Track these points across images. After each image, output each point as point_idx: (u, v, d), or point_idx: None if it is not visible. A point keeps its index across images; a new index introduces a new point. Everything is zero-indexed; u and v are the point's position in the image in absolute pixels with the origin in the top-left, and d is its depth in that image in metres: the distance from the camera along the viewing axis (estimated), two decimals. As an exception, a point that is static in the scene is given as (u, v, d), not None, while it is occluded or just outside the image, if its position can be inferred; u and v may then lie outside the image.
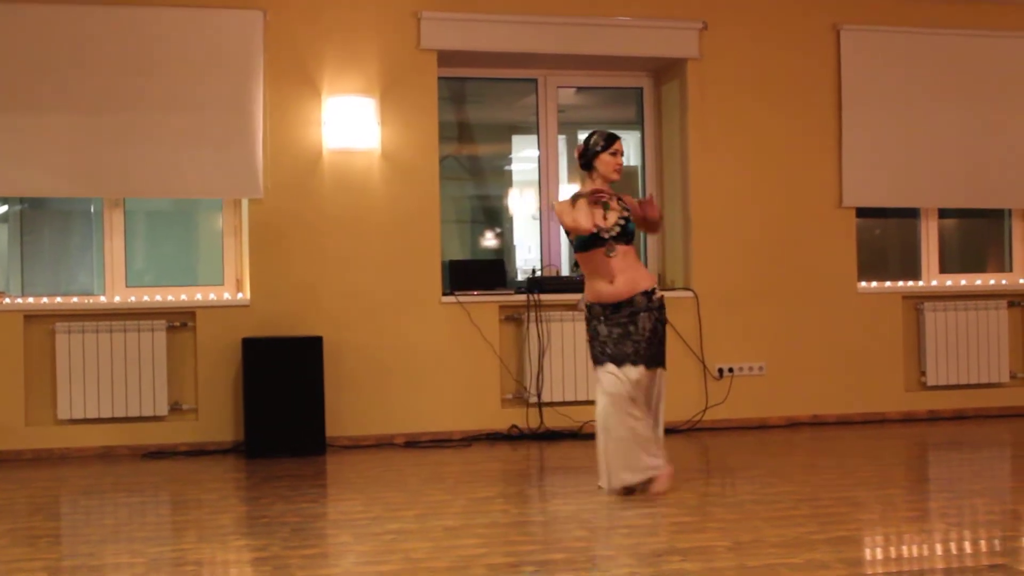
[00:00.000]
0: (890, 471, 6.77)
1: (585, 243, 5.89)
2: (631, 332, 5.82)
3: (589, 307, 5.97)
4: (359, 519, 5.47)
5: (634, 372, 5.78)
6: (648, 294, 5.89)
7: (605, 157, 5.97)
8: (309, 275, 7.82)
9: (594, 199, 5.88)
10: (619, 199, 5.98)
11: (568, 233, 6.00)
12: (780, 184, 8.52)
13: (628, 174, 9.11)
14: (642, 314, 5.85)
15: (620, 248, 5.88)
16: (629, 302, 5.85)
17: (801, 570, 4.34)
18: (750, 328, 8.43)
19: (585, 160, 6.03)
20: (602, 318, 5.88)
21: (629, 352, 5.79)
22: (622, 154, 6.01)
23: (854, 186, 8.58)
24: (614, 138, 6.00)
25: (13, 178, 7.50)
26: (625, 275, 5.86)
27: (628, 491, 5.85)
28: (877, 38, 8.64)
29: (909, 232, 9.14)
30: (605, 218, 5.89)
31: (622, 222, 5.90)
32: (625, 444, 5.78)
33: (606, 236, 5.86)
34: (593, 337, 5.92)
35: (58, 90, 7.50)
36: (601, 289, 5.89)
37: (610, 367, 5.80)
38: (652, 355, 5.85)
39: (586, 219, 5.82)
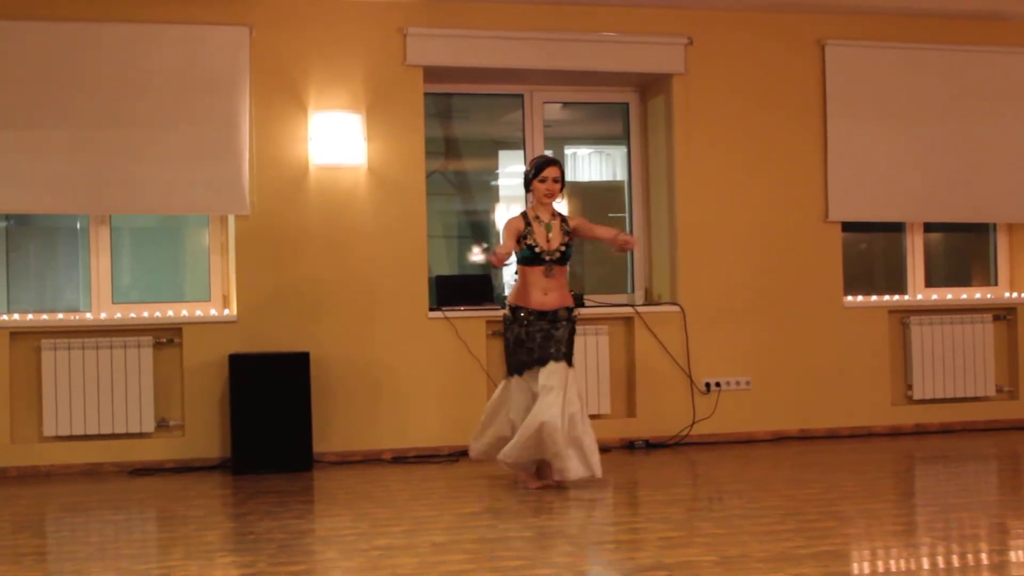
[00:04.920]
0: (876, 485, 6.78)
1: (527, 260, 6.58)
2: (551, 336, 6.51)
3: (514, 309, 6.61)
4: (346, 535, 5.47)
5: (558, 367, 6.48)
6: (569, 310, 6.64)
7: (536, 184, 6.65)
8: (296, 291, 7.81)
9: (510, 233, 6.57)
10: (563, 221, 6.68)
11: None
12: (766, 199, 8.54)
13: (614, 189, 9.14)
14: (562, 323, 6.57)
15: (556, 269, 6.59)
16: (554, 314, 6.57)
17: (787, 585, 4.35)
18: (737, 343, 8.44)
19: (524, 183, 6.74)
20: (526, 323, 6.55)
21: (551, 352, 6.49)
22: (555, 180, 6.63)
23: (840, 201, 8.61)
24: (547, 164, 6.64)
25: (-1, 195, 7.50)
26: (557, 292, 6.59)
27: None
28: (862, 53, 8.68)
29: (895, 246, 9.18)
30: (549, 240, 6.58)
31: (563, 248, 6.60)
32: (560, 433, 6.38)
33: (547, 259, 6.57)
34: (516, 343, 6.56)
35: (43, 107, 7.49)
36: (533, 298, 6.57)
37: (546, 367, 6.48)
38: (567, 353, 6.55)
39: (502, 254, 6.36)
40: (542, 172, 6.60)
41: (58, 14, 7.54)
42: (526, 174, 6.70)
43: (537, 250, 6.56)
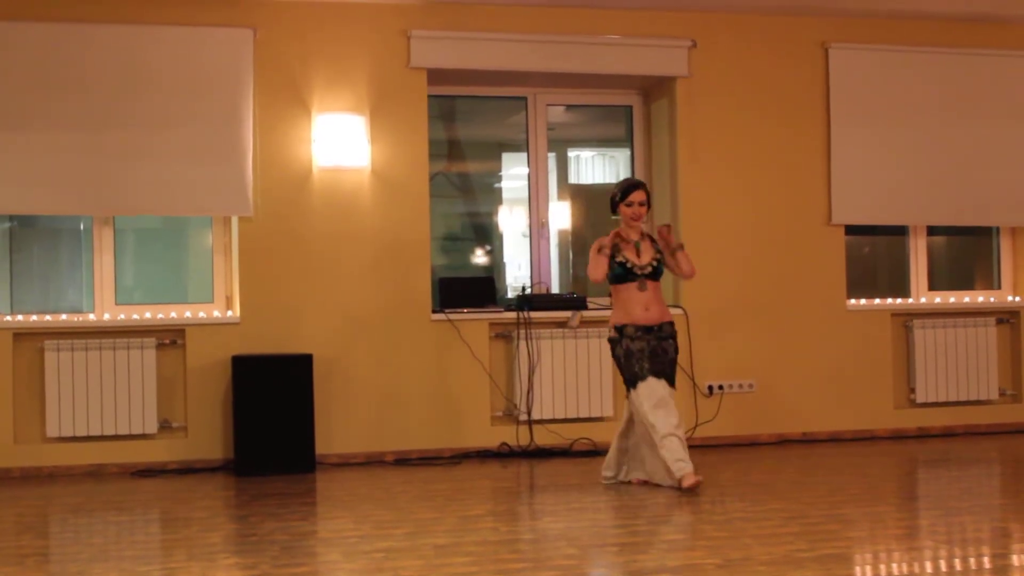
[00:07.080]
0: (879, 488, 6.78)
1: (620, 277, 6.71)
2: (659, 353, 6.67)
3: (619, 328, 6.72)
4: (349, 537, 5.47)
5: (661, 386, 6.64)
6: (672, 325, 6.79)
7: (622, 208, 6.81)
8: (299, 293, 7.82)
9: (598, 247, 6.72)
10: (652, 240, 6.86)
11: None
12: (769, 202, 8.54)
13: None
14: (668, 340, 6.74)
15: (650, 284, 6.72)
16: (659, 328, 6.71)
17: (790, 588, 4.35)
18: (740, 345, 8.44)
19: (611, 207, 6.86)
20: (633, 338, 6.68)
21: (658, 369, 6.65)
22: (641, 203, 6.78)
23: (843, 203, 8.61)
24: (631, 189, 6.79)
25: (3, 196, 7.49)
26: (657, 306, 6.74)
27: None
28: (865, 56, 8.68)
29: (898, 249, 9.18)
30: (639, 256, 6.73)
31: (654, 263, 6.76)
32: (672, 442, 6.54)
33: (639, 273, 6.72)
34: (627, 356, 6.68)
35: (47, 108, 7.50)
36: (635, 314, 6.70)
37: (651, 380, 6.61)
38: (672, 374, 6.76)
39: (595, 270, 6.68)
40: (628, 196, 6.76)
41: (63, 15, 7.55)
42: (612, 197, 6.82)
43: (629, 266, 6.73)
